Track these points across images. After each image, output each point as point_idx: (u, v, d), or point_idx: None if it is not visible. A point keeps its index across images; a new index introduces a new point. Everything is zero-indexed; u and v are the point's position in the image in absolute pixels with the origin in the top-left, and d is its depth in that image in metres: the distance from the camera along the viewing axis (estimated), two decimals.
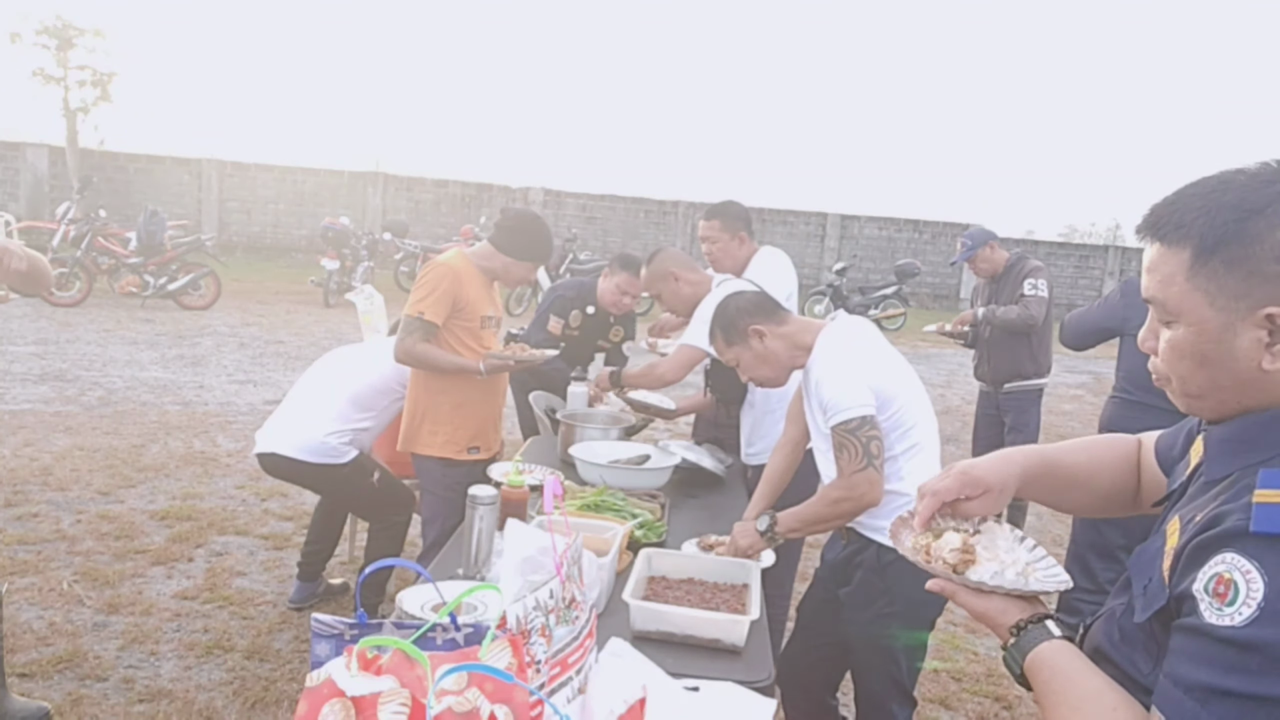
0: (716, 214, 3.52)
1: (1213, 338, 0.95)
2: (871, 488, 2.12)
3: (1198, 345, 0.96)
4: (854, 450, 2.11)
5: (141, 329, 9.50)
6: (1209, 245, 0.93)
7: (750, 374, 2.42)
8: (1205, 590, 0.85)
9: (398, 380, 3.36)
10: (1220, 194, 0.94)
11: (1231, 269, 0.92)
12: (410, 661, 1.13)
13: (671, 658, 1.69)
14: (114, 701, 2.88)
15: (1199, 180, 0.98)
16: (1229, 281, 0.92)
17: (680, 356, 3.15)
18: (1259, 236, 0.91)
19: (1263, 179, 0.93)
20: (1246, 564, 0.83)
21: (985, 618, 1.08)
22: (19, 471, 4.88)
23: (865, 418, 2.12)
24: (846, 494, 2.13)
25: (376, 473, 3.46)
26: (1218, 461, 0.98)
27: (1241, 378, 0.95)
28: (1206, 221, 0.93)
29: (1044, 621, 1.03)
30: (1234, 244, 0.92)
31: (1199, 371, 0.97)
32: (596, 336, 4.30)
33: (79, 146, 16.59)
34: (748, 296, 2.44)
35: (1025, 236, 20.37)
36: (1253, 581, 0.82)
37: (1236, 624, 0.81)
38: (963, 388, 10.19)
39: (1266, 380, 0.94)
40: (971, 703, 3.35)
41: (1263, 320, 0.91)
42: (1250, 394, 0.95)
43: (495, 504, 2.15)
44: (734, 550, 2.28)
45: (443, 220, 17.62)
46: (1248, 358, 0.93)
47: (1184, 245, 0.95)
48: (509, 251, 3.15)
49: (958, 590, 1.09)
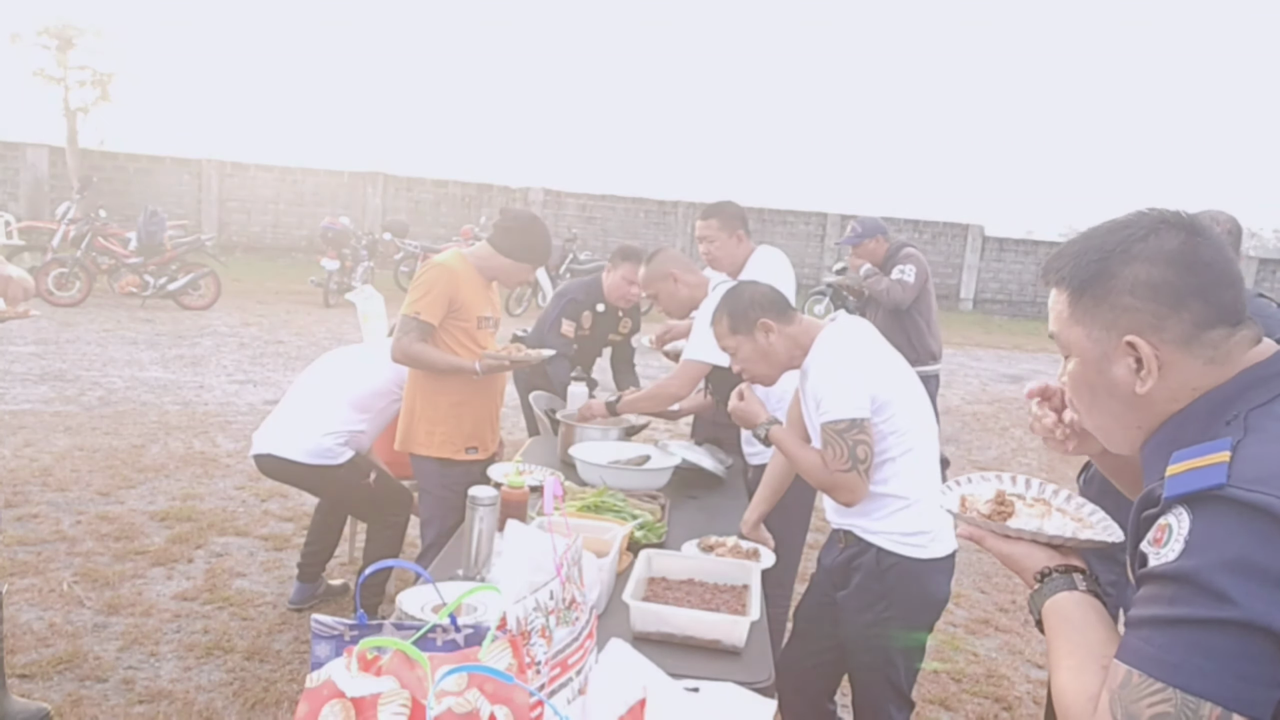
0: (714, 213, 3.51)
1: (1095, 368, 1.07)
2: (852, 492, 2.15)
3: (1086, 376, 1.09)
4: (839, 451, 2.12)
5: (141, 329, 9.50)
6: (1078, 285, 1.07)
7: (745, 367, 2.39)
8: (1149, 542, 0.95)
9: (395, 382, 3.36)
10: (1088, 239, 1.08)
11: (1098, 304, 1.05)
12: (410, 662, 1.13)
13: (671, 659, 1.69)
14: (114, 702, 2.88)
15: (1084, 230, 1.12)
16: (1098, 315, 1.05)
17: (685, 371, 3.15)
18: (1114, 273, 1.04)
19: (1120, 224, 1.07)
20: (1180, 510, 0.92)
21: (1011, 561, 1.15)
22: (19, 472, 4.88)
23: (856, 420, 2.12)
24: (828, 480, 2.17)
25: (373, 473, 3.46)
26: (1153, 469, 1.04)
27: (1126, 402, 1.06)
28: (1075, 264, 1.08)
29: (1072, 574, 1.09)
30: (1097, 282, 1.05)
31: (1095, 402, 1.10)
32: (607, 332, 4.32)
33: (79, 147, 16.59)
34: (762, 289, 2.41)
35: (1025, 236, 20.36)
36: (1182, 522, 0.91)
37: (1170, 559, 0.90)
38: (962, 387, 10.19)
39: (1145, 402, 1.04)
40: (971, 704, 3.34)
41: (1126, 348, 1.03)
42: (1142, 416, 1.06)
43: (495, 505, 2.15)
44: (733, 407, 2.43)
45: (443, 220, 17.61)
46: (1124, 384, 1.05)
47: (1064, 286, 1.09)
48: (508, 252, 3.15)
49: (985, 535, 1.16)
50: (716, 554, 2.31)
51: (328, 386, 3.46)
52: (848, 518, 2.26)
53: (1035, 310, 19.02)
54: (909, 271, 5.01)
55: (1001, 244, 19.30)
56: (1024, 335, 15.91)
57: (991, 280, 19.16)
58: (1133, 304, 1.03)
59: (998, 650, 3.83)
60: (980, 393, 10.00)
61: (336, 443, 3.34)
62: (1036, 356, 13.40)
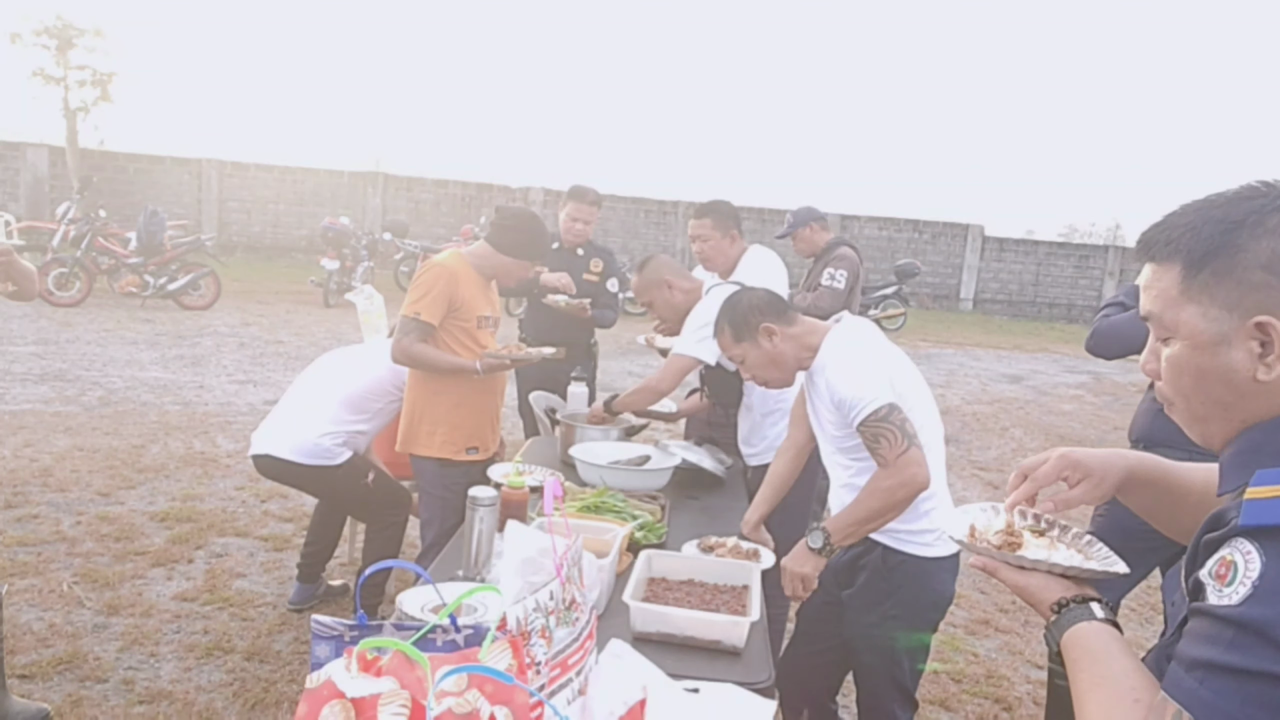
0: (707, 212, 3.52)
1: (1208, 351, 0.96)
2: (920, 466, 2.06)
3: (1194, 360, 0.97)
4: (892, 436, 2.06)
5: (141, 329, 9.50)
6: (1196, 259, 0.96)
7: (756, 374, 2.39)
8: (1210, 574, 0.88)
9: (393, 383, 3.35)
10: (1205, 210, 0.97)
11: (1220, 280, 0.94)
12: (410, 663, 1.13)
13: (671, 659, 1.69)
14: (114, 703, 2.87)
15: (1186, 202, 1.01)
16: (1219, 293, 0.94)
17: (672, 366, 3.14)
18: (1243, 247, 0.93)
19: (1244, 195, 0.96)
20: (1249, 546, 0.85)
21: (1026, 593, 1.10)
22: (19, 472, 4.88)
23: (891, 404, 2.08)
24: (898, 479, 2.06)
25: (371, 473, 3.46)
26: (1230, 477, 0.98)
27: (1239, 390, 0.96)
28: (1193, 236, 0.96)
29: (1089, 603, 1.05)
30: (1220, 256, 0.94)
31: (1199, 388, 0.99)
32: (580, 272, 4.35)
33: (79, 146, 16.59)
34: (760, 294, 2.41)
35: (1025, 236, 20.36)
36: (1251, 562, 0.84)
37: (1234, 603, 0.83)
38: (962, 387, 10.19)
39: (1263, 391, 0.94)
40: (971, 704, 3.34)
41: (1253, 330, 0.93)
42: (1250, 408, 0.96)
43: (495, 505, 2.15)
44: (792, 581, 2.22)
45: (443, 220, 17.62)
46: (1244, 369, 0.94)
47: (1174, 261, 0.98)
48: (506, 250, 3.14)
49: (999, 567, 1.11)
50: (716, 554, 2.31)
51: (326, 387, 3.45)
52: None
53: (1035, 310, 19.03)
54: (840, 277, 4.77)
55: (1001, 244, 19.31)
56: (1024, 335, 15.92)
57: (992, 280, 19.16)
58: (1266, 280, 0.92)
59: (998, 651, 3.83)
60: (980, 393, 10.00)
61: (334, 443, 3.33)
62: (1036, 356, 13.41)
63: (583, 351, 4.39)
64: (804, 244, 5.17)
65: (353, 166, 17.85)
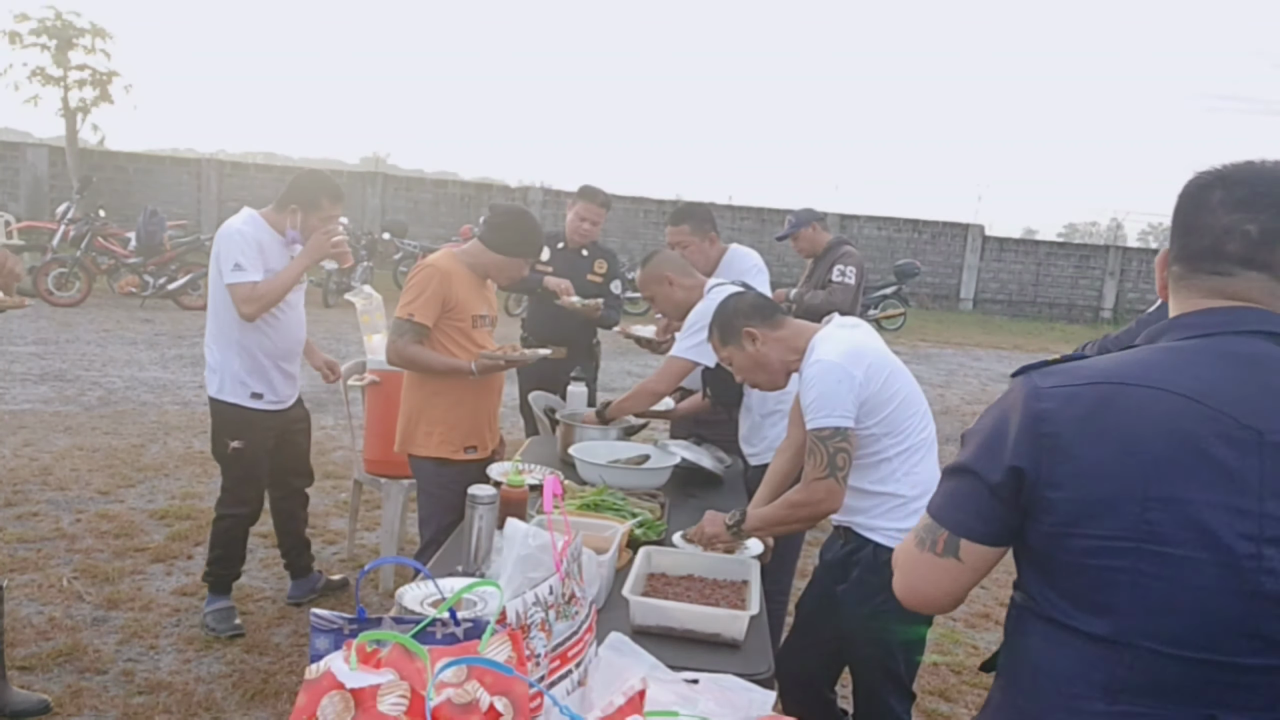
0: (685, 218, 3.55)
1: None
2: (830, 496, 2.15)
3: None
4: (820, 458, 2.13)
5: (141, 329, 9.50)
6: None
7: (744, 376, 2.44)
8: None
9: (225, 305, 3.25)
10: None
11: None
12: (409, 655, 1.14)
13: (671, 651, 1.70)
14: (113, 693, 2.88)
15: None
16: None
17: (670, 369, 3.15)
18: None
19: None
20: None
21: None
22: (19, 471, 4.88)
23: (839, 429, 2.13)
24: (805, 499, 2.17)
25: (239, 442, 3.33)
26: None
27: None
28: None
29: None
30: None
31: None
32: (583, 273, 4.35)
33: (79, 146, 16.58)
34: (748, 298, 2.46)
35: (1025, 236, 20.36)
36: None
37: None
38: (962, 387, 10.20)
39: None
40: (971, 694, 3.37)
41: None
42: None
43: (495, 503, 2.15)
44: (699, 536, 2.33)
45: (442, 220, 17.62)
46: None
47: None
48: (499, 248, 3.12)
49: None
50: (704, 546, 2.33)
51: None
52: (847, 514, 2.28)
53: (1035, 310, 19.03)
54: (849, 273, 4.85)
55: (1001, 244, 19.31)
56: (1024, 335, 15.92)
57: (991, 280, 19.16)
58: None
59: (996, 643, 3.82)
60: (980, 393, 10.01)
61: (210, 372, 3.32)
62: (1036, 357, 13.35)
63: (585, 352, 4.40)
64: (805, 244, 5.23)
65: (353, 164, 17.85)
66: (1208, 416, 1.04)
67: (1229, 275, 1.12)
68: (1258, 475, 1.02)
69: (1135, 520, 1.04)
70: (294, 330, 3.41)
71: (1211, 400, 1.05)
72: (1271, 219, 1.10)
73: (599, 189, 4.40)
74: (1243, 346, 1.09)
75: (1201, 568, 1.02)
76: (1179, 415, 1.05)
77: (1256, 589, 1.01)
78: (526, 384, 4.29)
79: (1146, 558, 1.03)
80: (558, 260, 4.30)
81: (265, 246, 3.26)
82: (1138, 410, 1.06)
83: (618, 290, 4.51)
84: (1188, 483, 1.03)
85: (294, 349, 3.44)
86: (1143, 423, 1.06)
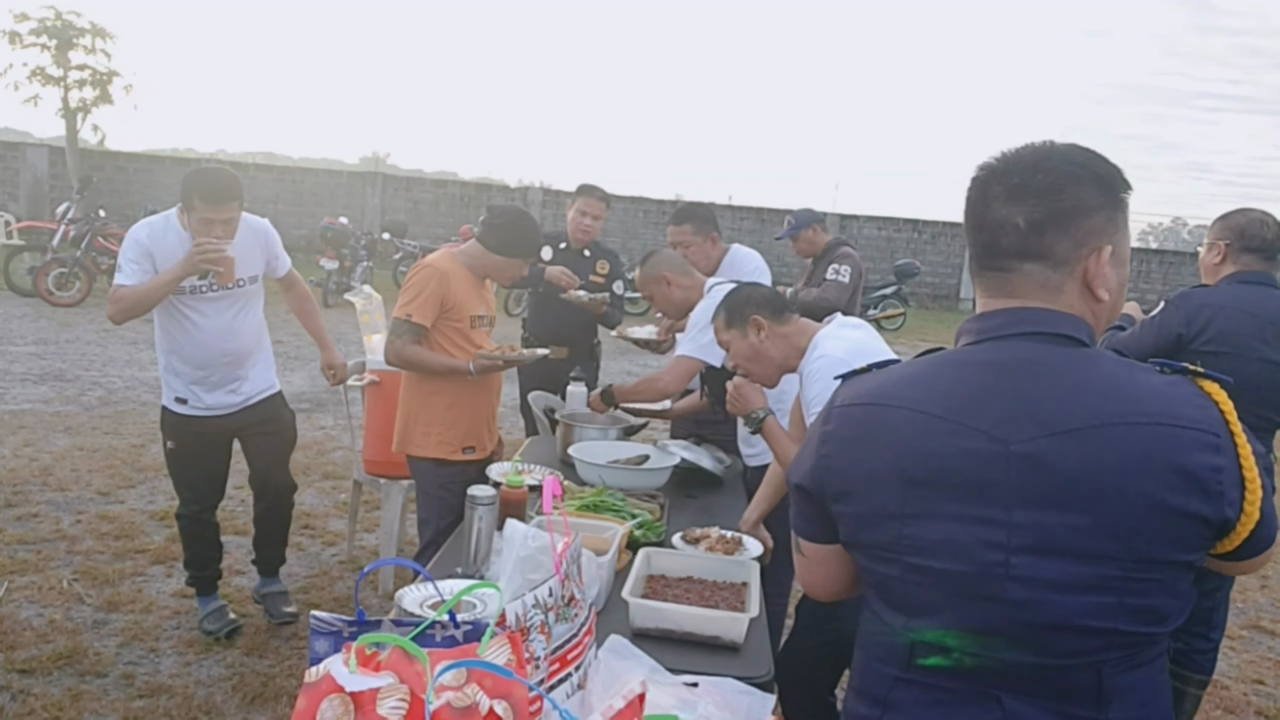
0: (687, 218, 3.55)
1: None
2: None
3: None
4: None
5: (141, 329, 9.49)
6: None
7: (739, 363, 2.43)
8: None
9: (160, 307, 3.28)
10: None
11: None
12: (409, 658, 1.14)
13: (671, 654, 1.69)
14: (114, 697, 2.88)
15: None
16: None
17: (679, 368, 3.16)
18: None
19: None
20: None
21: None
22: (19, 471, 4.88)
23: None
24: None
25: (171, 444, 3.37)
26: None
27: None
28: None
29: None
30: None
31: None
32: (585, 273, 4.35)
33: (79, 146, 16.57)
34: (763, 290, 2.50)
35: None
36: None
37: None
38: None
39: None
40: None
41: None
42: None
43: (494, 504, 2.15)
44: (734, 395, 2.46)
45: (442, 220, 17.62)
46: None
47: None
48: (497, 249, 3.12)
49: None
50: (702, 546, 2.32)
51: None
52: None
53: None
54: (844, 271, 4.88)
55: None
56: None
57: None
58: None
59: None
60: None
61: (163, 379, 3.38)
62: None
63: (585, 352, 4.40)
64: (805, 245, 5.27)
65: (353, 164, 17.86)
66: (957, 432, 1.08)
67: (1008, 271, 1.13)
68: (1005, 485, 1.05)
69: (896, 534, 1.11)
70: (213, 342, 3.28)
71: (962, 416, 1.09)
72: (1034, 208, 1.10)
73: (598, 186, 4.41)
74: (1003, 353, 1.12)
75: (956, 577, 1.07)
76: (930, 435, 1.10)
77: (1005, 595, 1.05)
78: (526, 384, 4.29)
79: (911, 569, 1.10)
80: (559, 261, 4.31)
81: (169, 249, 3.15)
82: (894, 429, 1.12)
83: (620, 290, 4.51)
84: (938, 498, 1.08)
85: (214, 360, 3.30)
86: (899, 442, 1.11)
